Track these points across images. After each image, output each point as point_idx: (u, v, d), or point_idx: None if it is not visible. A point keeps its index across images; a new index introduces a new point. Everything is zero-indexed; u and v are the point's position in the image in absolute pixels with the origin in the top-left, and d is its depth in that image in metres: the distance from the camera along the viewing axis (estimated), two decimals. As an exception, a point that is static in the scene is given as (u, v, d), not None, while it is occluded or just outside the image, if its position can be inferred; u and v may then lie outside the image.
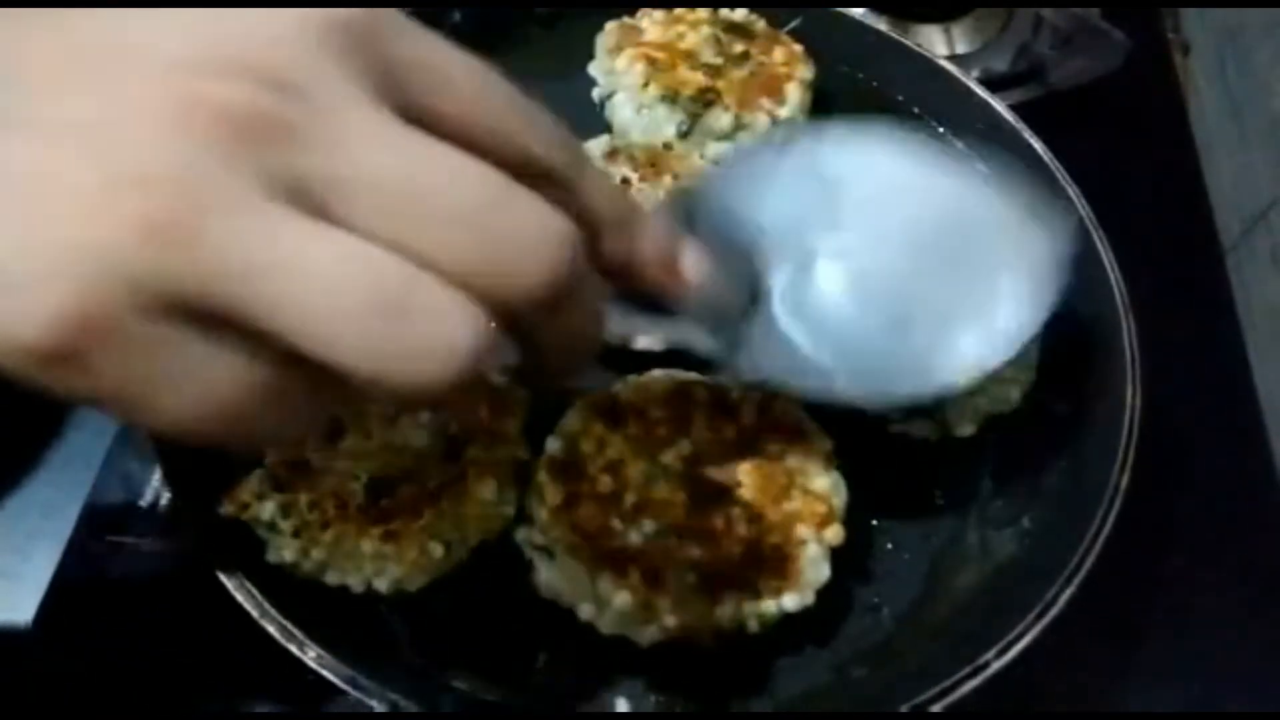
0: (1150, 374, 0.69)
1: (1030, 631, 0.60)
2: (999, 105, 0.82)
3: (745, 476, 0.61)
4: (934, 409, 0.67)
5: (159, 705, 0.66)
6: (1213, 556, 0.76)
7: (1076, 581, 0.61)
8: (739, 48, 0.81)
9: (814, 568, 0.60)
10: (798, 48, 0.82)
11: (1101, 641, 0.71)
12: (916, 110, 0.86)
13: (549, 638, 0.62)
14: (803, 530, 0.60)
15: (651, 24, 0.83)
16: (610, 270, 0.45)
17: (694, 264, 0.48)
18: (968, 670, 0.59)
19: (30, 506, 0.73)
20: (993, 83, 0.86)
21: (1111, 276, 0.73)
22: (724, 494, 0.61)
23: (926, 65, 0.85)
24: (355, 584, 0.61)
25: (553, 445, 0.63)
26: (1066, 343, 0.71)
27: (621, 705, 0.61)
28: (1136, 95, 0.99)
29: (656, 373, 0.66)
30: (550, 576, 0.61)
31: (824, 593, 0.61)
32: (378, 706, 0.57)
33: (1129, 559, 0.65)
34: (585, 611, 0.61)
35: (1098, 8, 0.97)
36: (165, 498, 0.71)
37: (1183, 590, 0.74)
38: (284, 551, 0.61)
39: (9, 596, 0.69)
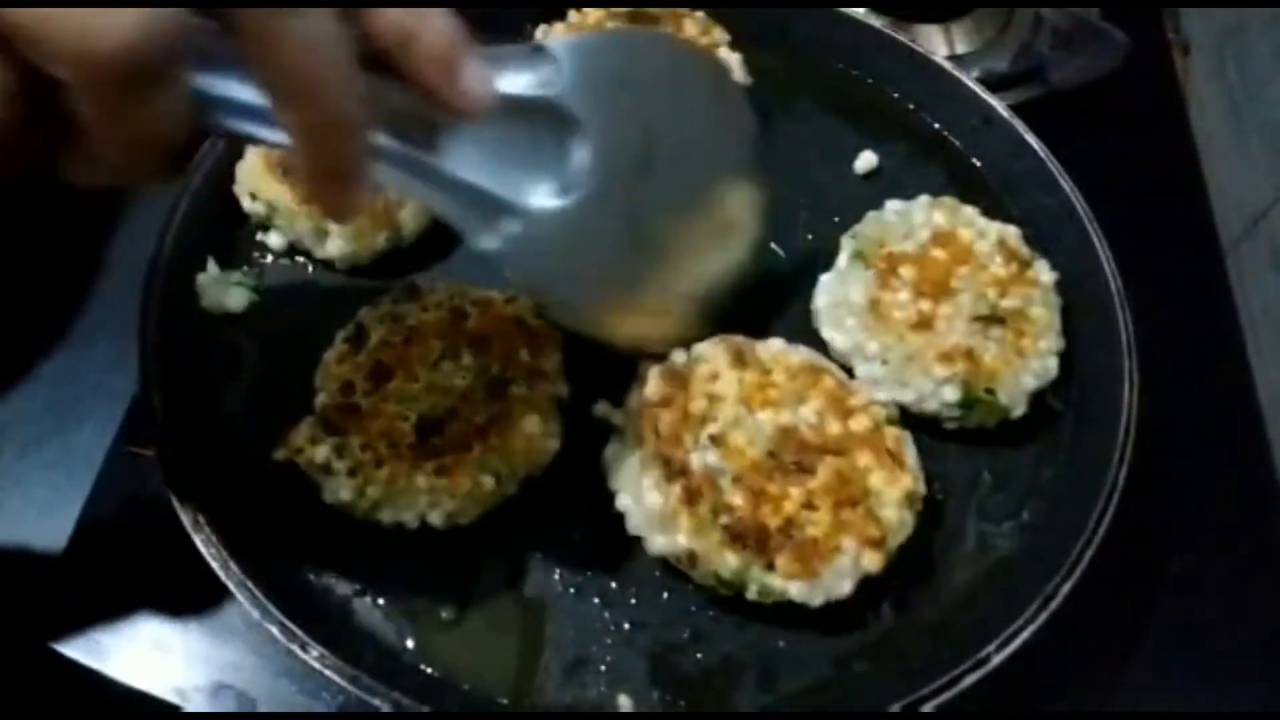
0: (1150, 373, 0.69)
1: (1031, 625, 0.60)
2: (999, 105, 0.82)
3: (823, 469, 0.62)
4: (987, 396, 0.68)
5: (160, 705, 0.66)
6: (1212, 554, 0.76)
7: (1076, 575, 0.61)
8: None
9: (836, 579, 0.60)
10: (700, 14, 0.83)
11: (1101, 640, 0.71)
12: (915, 109, 0.86)
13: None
14: (846, 542, 0.60)
15: (567, 28, 0.83)
16: (382, 51, 0.42)
17: (478, 79, 0.43)
18: (969, 664, 0.59)
19: (31, 505, 0.73)
20: (993, 83, 0.86)
21: (1111, 276, 0.73)
22: (795, 472, 0.62)
23: (926, 65, 0.85)
24: (410, 519, 0.64)
25: (677, 355, 0.66)
26: (1066, 341, 0.71)
27: (624, 704, 0.62)
28: (1136, 95, 0.99)
29: (801, 348, 0.68)
30: (611, 454, 0.66)
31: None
32: (381, 706, 0.58)
33: (1129, 558, 0.66)
34: (621, 501, 0.64)
35: (1098, 8, 0.97)
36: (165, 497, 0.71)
37: (1182, 588, 0.74)
38: (340, 492, 0.63)
39: (9, 595, 0.69)
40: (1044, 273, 0.72)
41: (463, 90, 0.43)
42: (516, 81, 0.49)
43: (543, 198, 0.53)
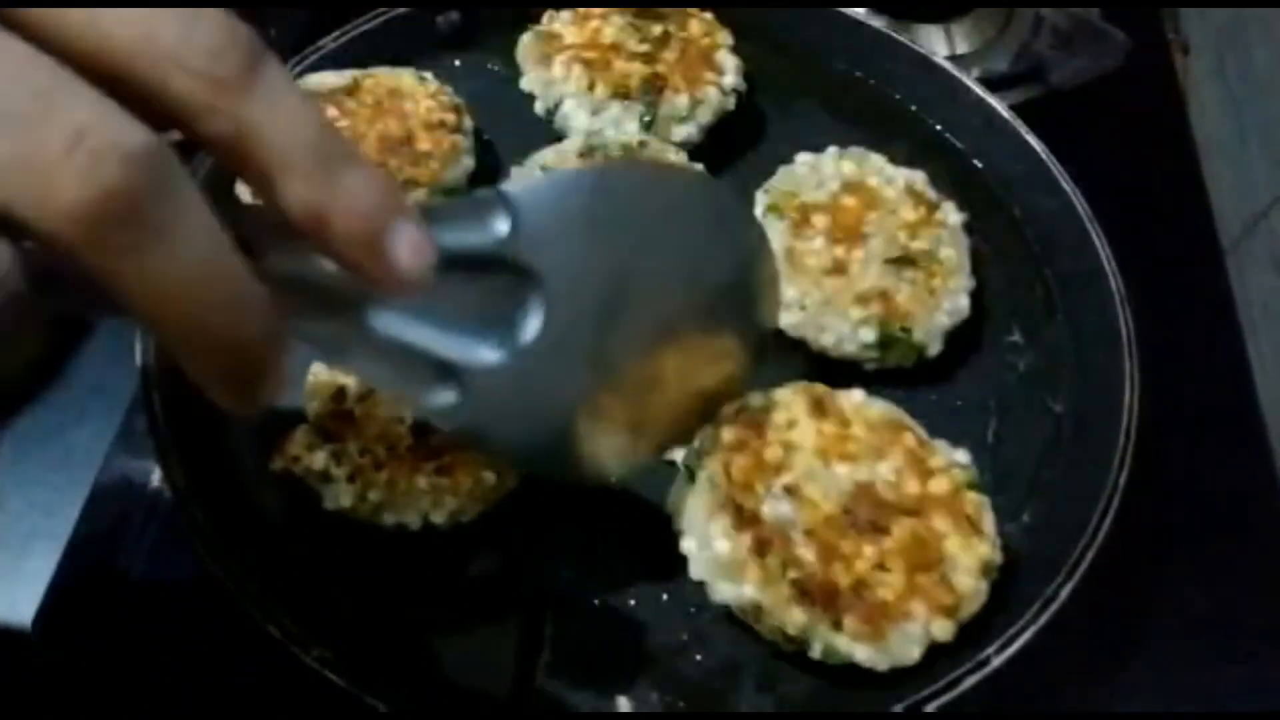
0: (1150, 373, 0.69)
1: (1031, 627, 0.60)
2: (999, 105, 0.82)
3: (898, 530, 0.60)
4: (902, 335, 0.70)
5: (161, 707, 0.66)
6: (1213, 555, 0.76)
7: (1077, 577, 0.61)
8: (657, 29, 0.81)
9: (905, 644, 0.58)
10: (708, 15, 0.83)
11: (1101, 640, 0.71)
12: (915, 109, 0.86)
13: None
14: (918, 608, 0.58)
15: (564, 26, 0.82)
16: (297, 226, 0.34)
17: (412, 250, 0.36)
18: (969, 665, 0.59)
19: (30, 506, 0.73)
20: (993, 83, 0.86)
21: (1111, 276, 0.73)
22: (869, 531, 0.60)
23: (926, 65, 0.85)
24: (413, 521, 0.63)
25: (755, 399, 0.64)
26: (1067, 341, 0.72)
27: (623, 704, 0.62)
28: (1136, 95, 0.99)
29: (881, 401, 0.66)
30: (680, 495, 0.63)
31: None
32: (381, 706, 0.58)
33: (1130, 559, 0.65)
34: (687, 544, 0.62)
35: (1098, 8, 0.98)
36: (165, 497, 0.71)
37: (1183, 589, 0.74)
38: (341, 498, 0.63)
39: (8, 596, 0.69)
40: (951, 214, 0.74)
41: (391, 267, 0.35)
42: (464, 237, 0.44)
43: (488, 354, 0.49)
